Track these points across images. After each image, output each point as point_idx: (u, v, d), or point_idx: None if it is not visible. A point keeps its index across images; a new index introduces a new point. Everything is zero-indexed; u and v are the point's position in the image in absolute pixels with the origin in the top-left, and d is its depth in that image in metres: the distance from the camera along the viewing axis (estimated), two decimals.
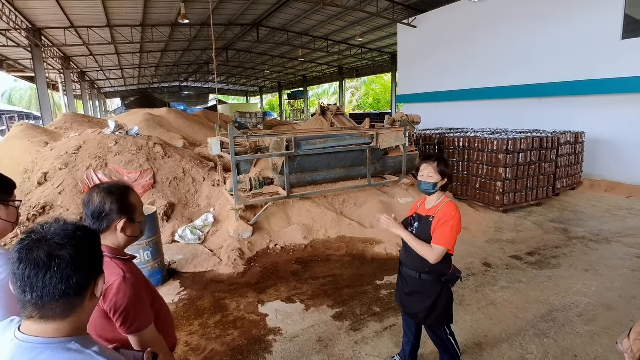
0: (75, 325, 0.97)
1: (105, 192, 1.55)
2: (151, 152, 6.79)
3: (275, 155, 5.81)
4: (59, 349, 0.92)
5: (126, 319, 1.43)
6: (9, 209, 1.50)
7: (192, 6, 14.97)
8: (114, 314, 1.43)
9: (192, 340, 3.27)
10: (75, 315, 0.97)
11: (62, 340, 0.94)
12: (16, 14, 13.89)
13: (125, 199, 1.58)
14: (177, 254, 5.14)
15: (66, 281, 0.92)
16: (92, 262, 1.00)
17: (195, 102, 47.50)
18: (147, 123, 12.69)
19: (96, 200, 1.53)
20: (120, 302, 1.42)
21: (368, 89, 44.99)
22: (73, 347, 0.93)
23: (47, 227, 0.97)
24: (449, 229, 2.20)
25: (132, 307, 1.44)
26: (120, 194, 1.57)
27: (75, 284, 0.93)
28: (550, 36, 10.39)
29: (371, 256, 5.08)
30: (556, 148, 7.72)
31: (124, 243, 1.59)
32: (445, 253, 2.23)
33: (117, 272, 1.46)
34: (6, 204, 1.49)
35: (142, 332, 1.46)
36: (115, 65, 26.31)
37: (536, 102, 11.10)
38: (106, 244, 1.52)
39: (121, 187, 1.61)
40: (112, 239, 1.55)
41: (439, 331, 2.48)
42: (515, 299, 3.83)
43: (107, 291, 1.41)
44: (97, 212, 1.52)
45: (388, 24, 17.39)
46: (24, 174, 6.50)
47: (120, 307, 1.42)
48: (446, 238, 2.20)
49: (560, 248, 5.24)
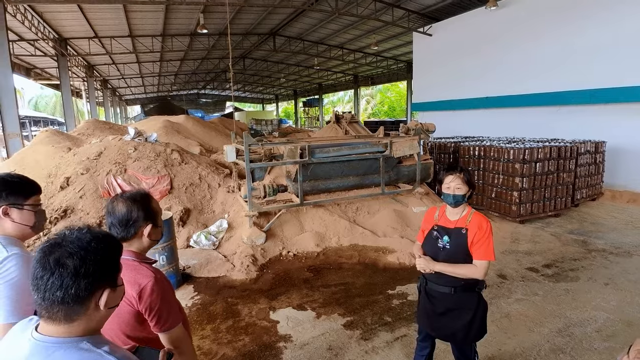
0: (84, 327, 1.01)
1: (130, 201, 1.62)
2: (169, 158, 6.96)
3: (289, 162, 5.88)
4: (71, 348, 0.97)
5: (160, 318, 1.51)
6: (23, 213, 1.57)
7: (211, 17, 15.36)
8: (149, 314, 1.50)
9: (204, 344, 3.32)
10: (80, 321, 1.00)
11: (73, 339, 0.99)
12: (44, 25, 14.52)
13: (148, 205, 1.66)
14: (191, 259, 5.23)
15: (64, 289, 0.94)
16: (98, 275, 1.00)
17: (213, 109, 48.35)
18: (165, 130, 12.99)
19: (122, 209, 1.60)
20: (155, 302, 1.49)
21: (383, 96, 44.97)
22: (84, 347, 0.98)
23: (69, 233, 1.02)
24: (491, 243, 2.16)
25: (164, 307, 1.52)
26: (143, 201, 1.65)
27: (73, 293, 0.95)
28: (570, 44, 10.23)
29: (383, 265, 5.05)
30: (575, 157, 7.55)
31: (148, 247, 1.67)
32: (489, 265, 2.18)
33: (148, 275, 1.53)
34: (20, 208, 1.56)
35: (173, 330, 1.54)
36: (136, 73, 27.11)
37: (554, 110, 10.90)
38: (131, 250, 1.60)
39: (143, 195, 1.69)
40: (138, 244, 1.63)
41: (468, 350, 2.35)
42: (531, 312, 3.75)
43: (141, 293, 1.48)
44: (125, 220, 1.59)
45: (403, 32, 17.42)
46: (48, 178, 6.74)
47: (155, 307, 1.49)
48: (489, 251, 2.16)
49: (579, 260, 5.10)
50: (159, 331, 1.53)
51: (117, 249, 1.12)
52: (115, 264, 1.09)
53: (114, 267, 1.08)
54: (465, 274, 2.17)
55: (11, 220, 1.55)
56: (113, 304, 1.08)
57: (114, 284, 1.07)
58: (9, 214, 1.54)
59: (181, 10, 14.62)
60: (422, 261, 2.25)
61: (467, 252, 2.17)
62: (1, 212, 1.53)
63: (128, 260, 1.56)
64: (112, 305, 1.07)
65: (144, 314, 1.51)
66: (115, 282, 1.08)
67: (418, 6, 14.88)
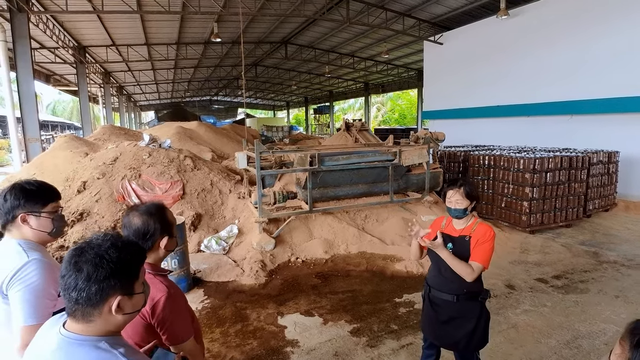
0: (101, 328, 1.07)
1: (146, 214, 1.64)
2: (181, 164, 7.12)
3: (299, 170, 5.97)
4: (91, 347, 1.04)
5: (172, 332, 1.55)
6: (40, 220, 1.64)
7: (224, 25, 15.69)
8: (160, 328, 1.54)
9: (213, 347, 3.40)
10: (96, 322, 1.06)
11: (93, 338, 1.06)
12: (65, 34, 15.03)
13: (164, 217, 1.69)
14: (202, 263, 5.34)
15: (78, 291, 1.02)
16: (110, 282, 1.05)
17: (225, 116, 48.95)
18: (178, 136, 13.26)
19: (138, 222, 1.62)
20: (167, 317, 1.53)
21: (394, 104, 44.98)
22: (102, 346, 1.05)
23: (94, 239, 1.10)
24: (489, 248, 2.21)
25: (176, 321, 1.56)
26: (159, 213, 1.68)
27: (85, 296, 1.02)
28: (583, 52, 10.17)
29: (391, 273, 5.08)
30: (587, 168, 7.48)
31: (163, 257, 1.71)
32: (482, 270, 2.22)
33: (161, 289, 1.56)
34: (37, 215, 1.63)
35: (184, 344, 1.58)
36: (151, 80, 27.72)
37: (566, 119, 10.81)
38: (148, 262, 1.62)
39: (158, 207, 1.71)
40: (154, 255, 1.67)
41: (470, 358, 2.38)
42: (538, 323, 3.74)
43: (154, 307, 1.51)
44: (142, 233, 1.61)
45: (414, 40, 17.51)
46: (65, 182, 6.96)
47: (166, 321, 1.53)
48: (486, 256, 2.20)
49: (590, 272, 5.05)
50: (170, 344, 1.56)
51: (136, 258, 1.14)
52: (131, 273, 1.12)
53: (129, 276, 1.10)
54: (458, 268, 2.19)
55: (29, 226, 1.61)
56: (129, 310, 1.11)
57: (129, 291, 1.10)
58: (27, 221, 1.61)
59: (196, 20, 14.99)
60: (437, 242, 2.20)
61: (468, 259, 2.23)
62: (20, 220, 1.59)
63: None
64: (128, 312, 1.11)
65: (155, 328, 1.54)
66: (131, 289, 1.11)
67: (429, 15, 14.97)
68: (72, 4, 10.86)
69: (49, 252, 1.81)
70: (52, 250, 5.34)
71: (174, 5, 12.32)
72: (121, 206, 6.26)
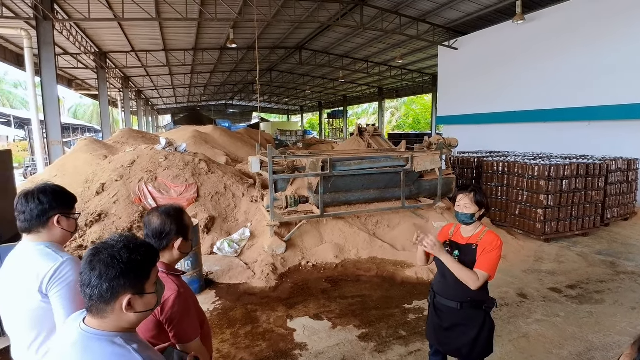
0: (115, 325, 1.13)
1: (164, 215, 1.73)
2: (196, 167, 7.28)
3: (310, 175, 6.03)
4: (106, 342, 1.10)
5: (178, 330, 1.61)
6: (70, 221, 1.75)
7: (240, 32, 15.97)
8: (168, 325, 1.61)
9: (223, 348, 3.47)
10: (110, 319, 1.12)
11: (109, 334, 1.12)
12: (87, 40, 15.55)
13: (181, 220, 1.78)
14: (214, 265, 5.44)
15: (91, 288, 1.09)
16: (120, 281, 1.10)
17: (240, 120, 49.59)
18: (194, 140, 13.51)
19: (157, 222, 1.72)
20: (175, 315, 1.60)
21: (408, 109, 44.76)
22: (117, 342, 1.11)
23: (110, 240, 1.17)
24: (496, 257, 2.19)
25: (184, 320, 1.62)
26: (177, 215, 1.77)
27: (97, 293, 1.09)
28: (603, 57, 9.98)
29: (401, 279, 5.08)
30: (605, 175, 7.32)
31: (177, 259, 1.79)
32: (487, 279, 2.21)
33: (172, 288, 1.64)
34: (68, 217, 1.74)
35: (190, 343, 1.64)
36: (168, 84, 28.32)
37: (585, 125, 10.60)
38: (163, 261, 1.72)
39: (177, 210, 1.81)
40: (169, 256, 1.75)
41: None
42: (550, 334, 3.68)
43: (164, 304, 1.59)
44: (158, 232, 1.71)
45: (428, 45, 17.46)
46: (85, 183, 7.19)
47: (174, 319, 1.60)
48: (491, 265, 2.18)
49: (606, 282, 4.94)
50: (177, 342, 1.63)
51: (147, 259, 1.18)
52: (142, 273, 1.16)
53: (139, 276, 1.15)
54: (462, 275, 2.16)
55: (61, 228, 1.72)
56: (141, 309, 1.16)
57: (139, 290, 1.15)
58: (60, 223, 1.71)
59: (212, 26, 15.31)
60: (432, 240, 2.17)
61: (473, 267, 2.22)
62: (55, 221, 1.69)
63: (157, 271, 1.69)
64: (140, 311, 1.15)
65: (164, 325, 1.60)
66: (142, 289, 1.15)
67: (443, 20, 14.93)
68: (94, 11, 11.25)
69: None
70: (71, 249, 5.53)
71: (191, 12, 12.63)
72: (138, 208, 6.43)
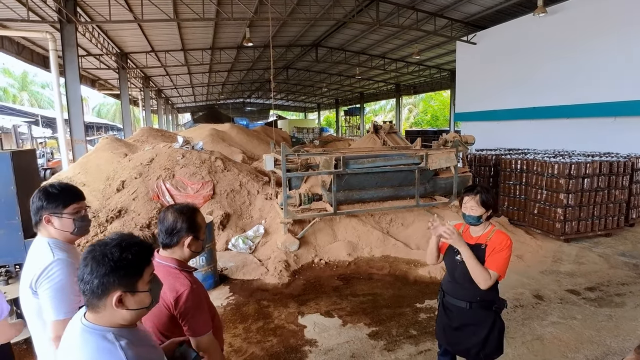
0: (108, 320, 1.16)
1: (177, 212, 1.78)
2: (212, 165, 7.41)
3: (324, 173, 6.06)
4: (99, 336, 1.14)
5: (192, 324, 1.67)
6: (63, 220, 1.79)
7: (256, 30, 16.07)
8: (182, 320, 1.67)
9: (235, 342, 3.54)
10: (103, 314, 1.15)
11: (103, 328, 1.15)
12: (109, 42, 15.99)
13: (193, 219, 1.82)
14: (229, 261, 5.54)
15: (84, 283, 1.13)
16: (110, 278, 1.12)
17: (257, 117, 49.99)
18: (211, 138, 13.75)
19: (170, 219, 1.77)
20: (188, 309, 1.66)
21: (426, 105, 44.10)
22: (108, 337, 1.13)
23: (107, 239, 1.21)
24: (505, 256, 2.17)
25: (196, 315, 1.69)
26: (189, 214, 1.81)
27: (89, 288, 1.12)
28: (629, 50, 9.56)
29: (414, 278, 5.05)
30: (630, 173, 7.05)
31: (189, 257, 1.84)
32: (497, 279, 2.19)
33: (185, 283, 1.70)
34: (59, 216, 1.78)
35: (202, 337, 1.70)
36: (187, 83, 28.83)
37: (610, 121, 10.21)
38: (174, 257, 1.78)
39: (190, 208, 1.85)
40: (180, 252, 1.80)
41: None
42: (566, 337, 3.60)
43: (178, 299, 1.65)
44: (170, 229, 1.75)
45: (446, 41, 17.13)
46: (106, 180, 7.44)
47: (188, 313, 1.66)
48: (502, 265, 2.16)
49: (628, 285, 4.77)
50: (190, 336, 1.69)
51: (139, 258, 1.19)
52: (133, 271, 1.17)
53: (131, 274, 1.16)
54: (476, 270, 2.13)
55: (53, 227, 1.78)
56: (133, 306, 1.17)
57: (131, 288, 1.16)
58: (51, 222, 1.77)
59: (229, 25, 15.46)
60: (450, 228, 2.14)
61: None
62: (45, 221, 1.76)
63: (170, 267, 1.74)
64: (132, 308, 1.17)
65: (178, 319, 1.67)
66: (134, 287, 1.17)
67: (461, 15, 14.61)
68: (115, 14, 11.55)
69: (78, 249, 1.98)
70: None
71: (208, 12, 12.79)
72: (156, 204, 6.61)
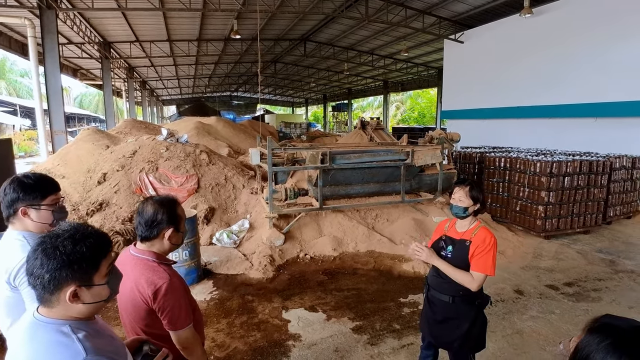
0: (63, 314, 1.09)
1: (157, 204, 1.73)
2: (197, 159, 7.30)
3: (310, 167, 6.03)
4: (53, 330, 1.07)
5: (171, 318, 1.64)
6: (41, 212, 1.71)
7: (244, 22, 15.87)
8: (161, 313, 1.63)
9: (218, 337, 3.51)
10: (57, 308, 1.08)
11: (58, 322, 1.08)
12: (91, 30, 15.54)
13: (174, 210, 1.77)
14: (212, 256, 5.48)
15: (34, 278, 1.06)
16: (62, 272, 1.05)
17: (244, 111, 49.53)
18: (197, 131, 13.53)
19: (150, 211, 1.71)
20: (167, 303, 1.62)
21: (413, 102, 44.43)
22: (64, 330, 1.07)
23: (58, 230, 1.12)
24: (492, 257, 2.18)
25: (176, 308, 1.65)
26: (170, 206, 1.76)
27: (39, 283, 1.05)
28: (610, 53, 9.81)
29: (398, 273, 5.09)
30: (608, 173, 7.24)
31: (168, 250, 1.79)
32: (484, 279, 2.20)
33: (164, 276, 1.65)
34: (37, 208, 1.71)
35: (182, 331, 1.66)
36: (172, 75, 28.32)
37: (591, 122, 10.47)
38: (153, 250, 1.73)
39: (170, 200, 1.80)
40: (159, 245, 1.75)
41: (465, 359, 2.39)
42: (545, 330, 3.68)
43: (156, 292, 1.61)
44: (150, 221, 1.70)
45: (434, 39, 17.26)
46: (87, 173, 7.25)
47: (167, 307, 1.62)
48: (490, 265, 2.18)
49: (604, 281, 4.92)
50: (169, 330, 1.65)
51: (95, 251, 1.12)
52: (88, 265, 1.10)
53: (85, 268, 1.09)
54: (459, 279, 2.19)
55: (30, 219, 1.70)
56: (89, 300, 1.11)
57: (87, 282, 1.10)
58: (28, 214, 1.69)
59: (216, 17, 15.21)
60: (426, 252, 2.26)
61: (467, 263, 2.22)
62: (21, 213, 1.67)
63: (148, 260, 1.69)
64: (88, 302, 1.11)
65: (157, 313, 1.63)
66: (89, 281, 1.11)
67: (450, 13, 14.73)
68: (98, 1, 11.22)
69: None
70: None
71: (195, 3, 12.55)
72: (138, 198, 6.47)
